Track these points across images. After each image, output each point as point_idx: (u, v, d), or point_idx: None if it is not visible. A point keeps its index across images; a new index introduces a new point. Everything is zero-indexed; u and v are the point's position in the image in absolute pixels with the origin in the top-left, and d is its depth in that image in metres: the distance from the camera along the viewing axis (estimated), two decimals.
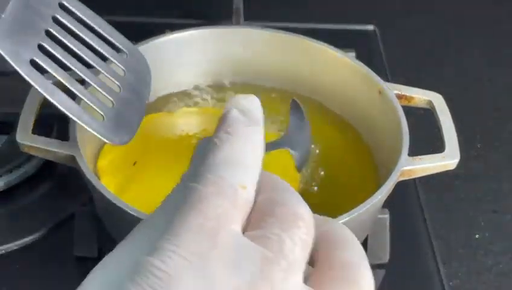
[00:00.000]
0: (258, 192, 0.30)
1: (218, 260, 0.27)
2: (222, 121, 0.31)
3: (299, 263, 0.28)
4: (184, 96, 0.73)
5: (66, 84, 0.52)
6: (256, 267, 0.27)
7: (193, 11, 0.93)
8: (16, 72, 0.62)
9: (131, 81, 0.56)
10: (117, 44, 0.57)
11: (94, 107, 0.53)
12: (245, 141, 0.30)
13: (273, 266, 0.27)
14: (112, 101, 0.54)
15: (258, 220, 0.29)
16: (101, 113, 0.53)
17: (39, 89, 0.50)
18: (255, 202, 0.30)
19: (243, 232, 0.29)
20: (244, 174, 0.29)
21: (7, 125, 0.72)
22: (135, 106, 0.56)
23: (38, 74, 0.50)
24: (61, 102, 0.51)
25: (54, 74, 0.51)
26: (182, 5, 0.94)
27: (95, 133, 0.53)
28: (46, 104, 0.64)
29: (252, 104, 0.31)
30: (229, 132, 0.30)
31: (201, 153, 0.30)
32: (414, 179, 0.72)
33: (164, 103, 0.72)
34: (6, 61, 0.80)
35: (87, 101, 0.53)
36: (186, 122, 0.71)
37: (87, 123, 0.53)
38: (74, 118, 0.52)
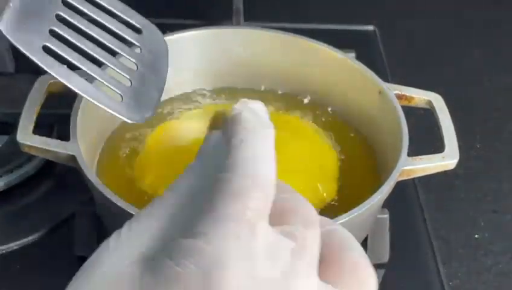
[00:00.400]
0: None
1: (258, 249, 0.28)
2: (237, 120, 0.32)
3: (316, 260, 0.30)
4: (184, 98, 0.73)
5: (82, 66, 0.50)
6: (287, 260, 0.29)
7: (193, 11, 0.93)
8: (15, 72, 0.62)
9: (148, 58, 0.55)
10: (131, 21, 0.55)
11: (112, 87, 0.52)
12: (267, 141, 0.31)
13: (300, 261, 0.29)
14: (129, 79, 0.53)
15: (278, 216, 0.30)
16: (119, 92, 0.52)
17: (55, 75, 0.49)
18: None
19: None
20: (271, 171, 0.30)
21: (7, 125, 0.72)
22: (154, 82, 0.54)
23: (52, 59, 0.49)
24: (78, 86, 0.50)
25: (68, 57, 0.50)
26: (182, 5, 0.94)
27: (115, 114, 0.51)
28: (46, 104, 0.64)
29: (261, 108, 0.33)
30: (250, 131, 0.31)
31: (214, 147, 0.32)
32: (414, 179, 0.72)
33: (164, 103, 0.71)
34: (6, 60, 0.80)
35: (104, 82, 0.51)
36: (193, 125, 0.69)
37: (106, 104, 0.51)
38: (93, 100, 0.51)
